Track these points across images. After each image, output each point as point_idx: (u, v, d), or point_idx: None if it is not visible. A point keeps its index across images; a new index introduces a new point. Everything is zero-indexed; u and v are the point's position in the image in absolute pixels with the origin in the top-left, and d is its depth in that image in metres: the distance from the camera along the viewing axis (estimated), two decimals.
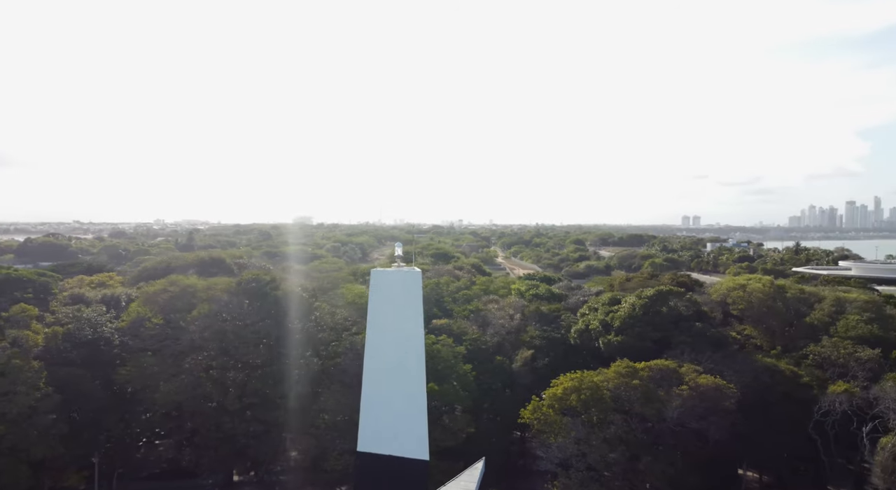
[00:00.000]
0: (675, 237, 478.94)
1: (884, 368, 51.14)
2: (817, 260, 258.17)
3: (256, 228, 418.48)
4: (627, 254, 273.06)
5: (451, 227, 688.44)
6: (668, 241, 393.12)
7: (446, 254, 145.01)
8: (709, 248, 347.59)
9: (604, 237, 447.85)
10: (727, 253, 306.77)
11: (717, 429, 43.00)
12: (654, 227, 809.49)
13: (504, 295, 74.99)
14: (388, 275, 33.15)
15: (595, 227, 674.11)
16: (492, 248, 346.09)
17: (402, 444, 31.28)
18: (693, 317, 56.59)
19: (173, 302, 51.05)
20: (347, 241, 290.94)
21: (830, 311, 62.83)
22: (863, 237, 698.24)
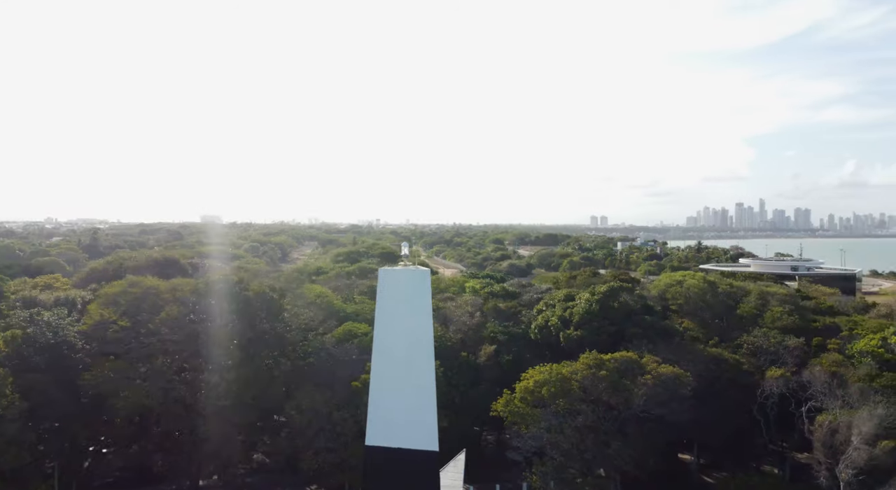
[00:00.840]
0: (586, 236, 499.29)
1: (808, 355, 57.04)
2: (717, 258, 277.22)
3: (163, 228, 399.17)
4: (546, 253, 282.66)
5: (369, 226, 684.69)
6: (581, 241, 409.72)
7: (393, 253, 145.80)
8: (619, 247, 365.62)
9: (521, 236, 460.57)
10: (637, 251, 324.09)
11: (676, 414, 46.82)
12: (566, 227, 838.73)
13: (457, 293, 77.00)
14: (397, 273, 34.21)
15: (511, 227, 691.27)
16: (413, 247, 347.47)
17: (411, 437, 32.39)
18: (642, 310, 60.81)
19: (137, 304, 49.45)
20: (265, 240, 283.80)
21: (757, 304, 69.20)
22: (750, 236, 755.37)
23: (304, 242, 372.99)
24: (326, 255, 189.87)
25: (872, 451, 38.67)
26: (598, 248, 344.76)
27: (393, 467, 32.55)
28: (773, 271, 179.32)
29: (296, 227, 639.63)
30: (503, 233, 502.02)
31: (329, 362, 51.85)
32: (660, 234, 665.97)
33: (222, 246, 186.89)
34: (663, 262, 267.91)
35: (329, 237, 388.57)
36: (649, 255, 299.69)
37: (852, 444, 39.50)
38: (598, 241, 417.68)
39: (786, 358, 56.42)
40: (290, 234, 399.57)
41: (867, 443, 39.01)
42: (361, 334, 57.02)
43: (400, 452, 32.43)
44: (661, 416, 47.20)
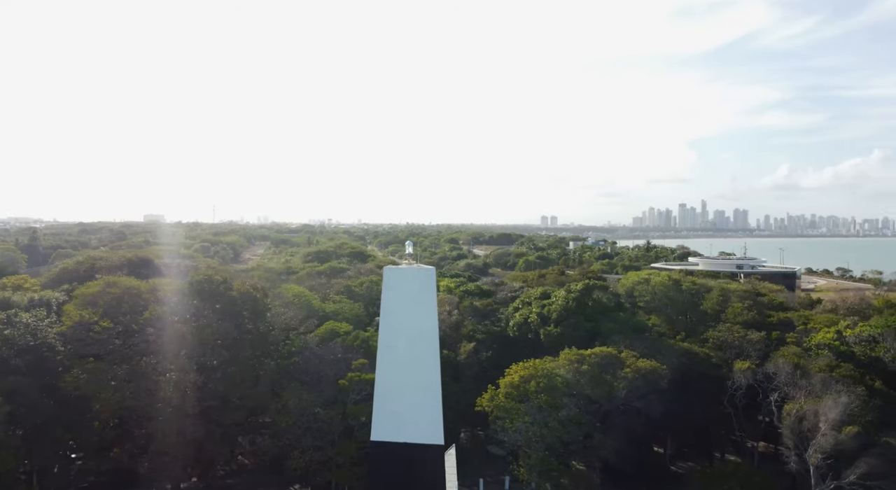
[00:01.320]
0: (538, 236, 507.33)
1: (769, 348, 60.33)
2: (665, 257, 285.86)
3: (105, 227, 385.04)
4: (502, 252, 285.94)
5: (321, 226, 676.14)
6: (533, 240, 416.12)
7: (362, 253, 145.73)
8: (571, 246, 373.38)
9: (475, 236, 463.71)
10: (589, 251, 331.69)
11: (655, 406, 49.01)
12: (517, 227, 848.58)
13: None
14: (403, 272, 34.86)
15: (464, 227, 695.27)
16: (368, 247, 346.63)
17: (417, 431, 33.06)
18: (615, 307, 63.07)
19: (118, 304, 48.41)
20: (216, 240, 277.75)
21: (719, 300, 72.59)
22: (692, 235, 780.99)
23: (255, 242, 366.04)
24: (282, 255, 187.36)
25: (839, 437, 41.49)
26: (552, 247, 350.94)
27: (399, 462, 33.16)
28: (720, 269, 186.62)
29: (245, 226, 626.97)
30: (457, 232, 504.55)
31: (314, 361, 51.96)
32: (608, 234, 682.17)
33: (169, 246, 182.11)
34: (614, 261, 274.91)
35: (281, 237, 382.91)
36: (601, 255, 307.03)
37: (820, 431, 42.25)
38: (551, 240, 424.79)
39: (749, 351, 59.50)
40: (240, 233, 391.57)
41: (834, 428, 41.83)
42: (344, 333, 57.35)
43: (406, 447, 33.06)
44: (640, 409, 49.36)
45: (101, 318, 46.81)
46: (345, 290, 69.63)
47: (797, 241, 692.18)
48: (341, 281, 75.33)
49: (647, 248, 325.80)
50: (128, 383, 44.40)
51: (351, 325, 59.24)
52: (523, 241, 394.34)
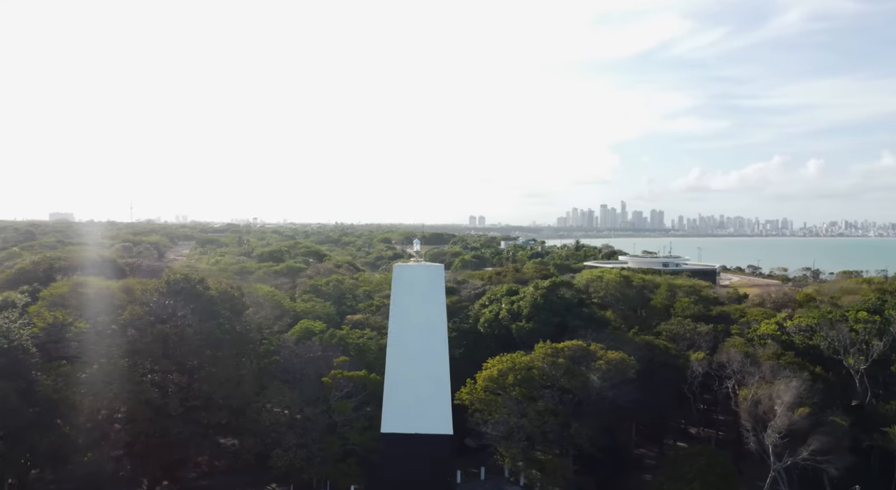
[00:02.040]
0: (469, 236, 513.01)
1: (718, 339, 65.11)
2: (594, 256, 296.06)
3: (10, 226, 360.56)
4: (437, 252, 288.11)
5: (247, 225, 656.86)
6: (465, 240, 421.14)
7: (318, 252, 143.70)
8: (503, 246, 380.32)
9: (407, 236, 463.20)
10: (521, 250, 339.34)
11: (624, 395, 52.14)
12: (447, 226, 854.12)
13: (385, 288, 78.80)
14: (412, 269, 36.17)
15: (393, 227, 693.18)
16: None
17: (427, 422, 34.39)
18: (578, 303, 66.20)
19: (92, 305, 46.85)
20: (137, 239, 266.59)
21: (667, 295, 77.34)
22: (613, 235, 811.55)
23: (178, 242, 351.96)
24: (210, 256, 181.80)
25: (792, 418, 45.80)
26: (485, 247, 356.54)
27: (409, 452, 34.47)
28: (648, 267, 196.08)
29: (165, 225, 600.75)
30: (389, 232, 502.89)
31: (294, 360, 52.07)
32: (534, 234, 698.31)
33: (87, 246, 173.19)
34: (546, 259, 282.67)
35: (206, 237, 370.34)
36: (532, 254, 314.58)
37: (776, 413, 46.46)
38: (482, 240, 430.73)
39: (700, 343, 64.05)
40: (161, 232, 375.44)
41: (788, 410, 46.12)
42: (319, 332, 57.59)
43: (416, 438, 34.45)
44: (611, 398, 52.37)
45: (74, 319, 45.18)
46: (312, 290, 69.51)
47: (708, 240, 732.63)
48: (307, 280, 75.02)
49: (576, 248, 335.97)
50: (108, 385, 43.20)
51: (325, 323, 59.47)
52: (456, 241, 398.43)
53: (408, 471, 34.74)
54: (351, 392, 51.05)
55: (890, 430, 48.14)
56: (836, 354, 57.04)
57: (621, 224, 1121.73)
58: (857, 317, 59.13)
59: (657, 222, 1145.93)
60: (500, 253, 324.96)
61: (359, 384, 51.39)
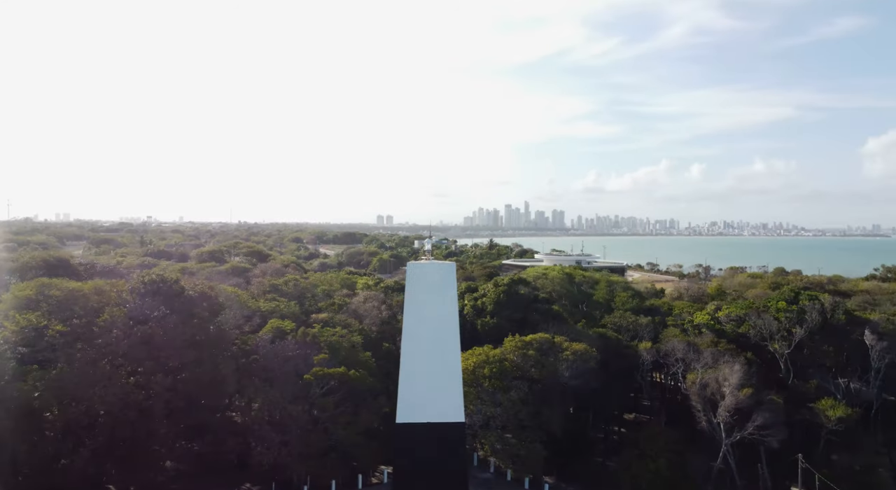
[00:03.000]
0: (381, 235, 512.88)
1: (658, 329, 71.00)
2: (506, 254, 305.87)
3: None
4: (354, 251, 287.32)
5: (143, 224, 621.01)
6: (378, 239, 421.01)
7: (260, 252, 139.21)
8: (417, 245, 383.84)
9: (318, 235, 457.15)
10: (436, 249, 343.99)
11: (588, 384, 56.26)
12: (354, 225, 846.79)
13: (338, 288, 79.43)
14: (425, 267, 37.90)
15: (300, 226, 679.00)
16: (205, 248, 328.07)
17: (440, 411, 36.19)
18: (534, 299, 69.99)
19: (66, 306, 44.86)
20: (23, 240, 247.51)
21: (607, 291, 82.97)
22: (518, 234, 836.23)
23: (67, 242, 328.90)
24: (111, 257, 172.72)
25: (739, 397, 51.46)
26: (400, 246, 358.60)
27: (424, 441, 36.20)
28: (563, 264, 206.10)
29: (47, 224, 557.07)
30: (298, 231, 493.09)
31: (273, 359, 52.15)
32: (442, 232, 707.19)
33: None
34: (462, 258, 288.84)
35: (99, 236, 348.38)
36: (448, 253, 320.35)
37: (725, 394, 51.99)
38: (396, 239, 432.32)
39: (643, 334, 69.60)
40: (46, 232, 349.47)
41: (735, 391, 51.75)
42: (291, 331, 57.69)
43: (430, 427, 36.28)
44: (575, 386, 56.34)
45: (48, 321, 43.24)
46: (272, 289, 68.91)
47: (605, 238, 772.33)
48: (263, 280, 74.05)
49: (489, 247, 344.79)
50: (90, 388, 41.76)
51: (293, 322, 59.59)
52: (369, 240, 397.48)
53: (423, 459, 36.47)
54: (332, 389, 51.90)
55: (815, 406, 55.11)
56: (763, 341, 64.06)
57: (525, 223, 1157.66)
58: (777, 307, 66.70)
59: (558, 222, 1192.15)
60: (417, 252, 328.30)
61: (339, 381, 52.35)
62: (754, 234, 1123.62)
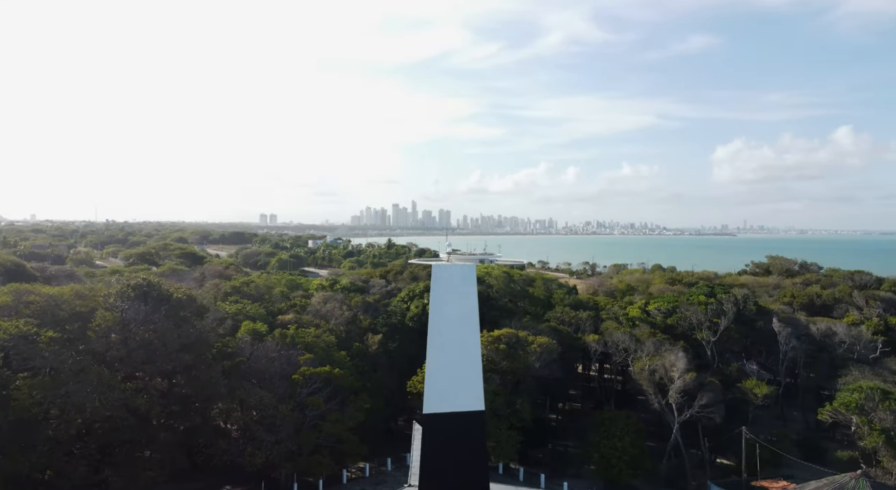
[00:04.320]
0: (270, 234, 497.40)
1: (596, 323, 77.42)
2: (404, 253, 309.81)
3: None
4: (251, 252, 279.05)
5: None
6: (269, 238, 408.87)
7: (194, 254, 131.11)
8: (311, 245, 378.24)
9: (203, 235, 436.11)
10: (333, 248, 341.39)
11: (553, 373, 61.00)
12: (235, 225, 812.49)
13: (287, 290, 79.23)
14: (449, 268, 40.32)
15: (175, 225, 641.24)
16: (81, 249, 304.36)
17: (463, 401, 38.65)
18: (486, 297, 73.89)
19: (50, 312, 42.56)
20: None
21: (544, 288, 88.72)
22: (405, 233, 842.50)
23: None
24: None
25: (686, 380, 58.30)
26: (296, 246, 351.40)
27: (449, 429, 38.61)
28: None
29: None
30: (178, 231, 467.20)
31: (262, 360, 52.24)
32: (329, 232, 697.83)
33: None
34: (361, 258, 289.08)
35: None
36: (346, 253, 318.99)
37: (674, 378, 58.64)
38: (289, 239, 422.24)
39: (584, 327, 75.73)
40: None
41: (683, 374, 58.56)
42: (266, 333, 57.66)
43: (454, 416, 38.74)
44: (542, 377, 60.90)
45: (38, 327, 41.02)
46: (233, 291, 67.51)
47: (490, 237, 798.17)
48: (220, 282, 72.03)
49: (388, 246, 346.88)
50: (89, 394, 40.30)
51: (265, 323, 59.48)
52: (260, 241, 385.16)
53: (448, 445, 38.83)
54: (318, 387, 52.84)
55: (742, 385, 63.40)
56: (690, 330, 72.25)
57: (412, 223, 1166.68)
58: (699, 300, 75.37)
59: (445, 221, 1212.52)
60: (315, 252, 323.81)
61: (324, 380, 53.38)
62: (623, 232, 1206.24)
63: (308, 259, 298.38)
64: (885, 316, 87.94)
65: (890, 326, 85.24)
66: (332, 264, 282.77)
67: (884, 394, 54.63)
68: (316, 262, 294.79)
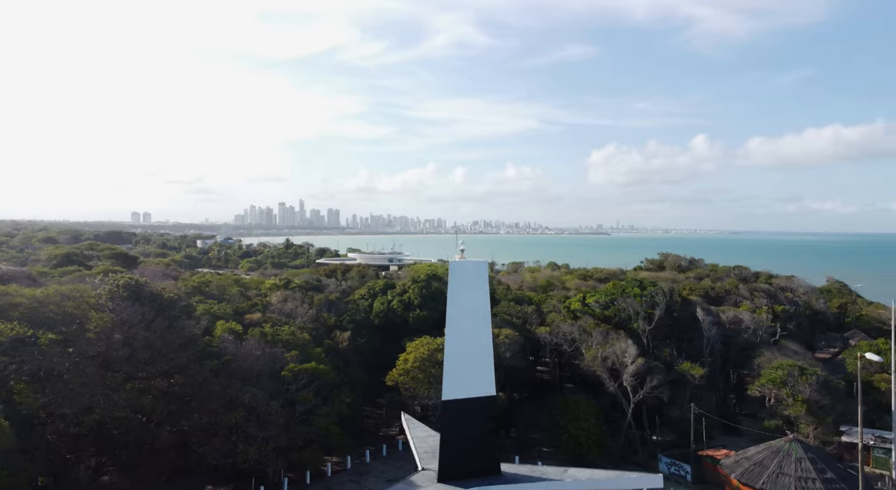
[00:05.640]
0: (156, 235, 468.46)
1: (542, 316, 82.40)
2: (303, 254, 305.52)
3: None
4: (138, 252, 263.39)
5: None
6: (149, 238, 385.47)
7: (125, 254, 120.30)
8: (200, 245, 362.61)
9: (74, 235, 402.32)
10: (228, 249, 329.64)
11: (519, 363, 64.95)
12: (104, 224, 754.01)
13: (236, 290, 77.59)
14: (464, 264, 42.71)
15: (35, 224, 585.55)
16: None
17: (477, 387, 41.26)
18: (442, 294, 76.52)
19: (39, 314, 40.18)
20: None
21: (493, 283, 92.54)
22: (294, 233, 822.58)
23: None
24: None
25: (638, 365, 64.29)
26: (187, 246, 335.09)
27: (465, 412, 41.38)
28: (376, 263, 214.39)
29: None
30: (42, 231, 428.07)
31: (250, 359, 51.92)
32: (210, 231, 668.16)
33: None
34: (260, 258, 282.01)
35: None
36: (243, 253, 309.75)
37: (626, 363, 64.44)
38: (174, 239, 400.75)
39: (531, 320, 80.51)
40: None
41: (635, 360, 64.50)
42: (239, 332, 56.98)
43: (469, 401, 41.45)
44: (511, 366, 64.65)
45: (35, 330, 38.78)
46: (193, 291, 65.18)
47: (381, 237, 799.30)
48: (177, 282, 68.96)
49: (286, 246, 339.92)
50: (93, 397, 38.82)
51: (238, 323, 58.67)
52: (140, 241, 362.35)
53: (465, 426, 41.59)
54: (306, 383, 53.33)
55: (679, 368, 70.61)
56: (626, 321, 79.02)
57: (300, 222, 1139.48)
58: (634, 292, 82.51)
59: (334, 221, 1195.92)
60: (208, 252, 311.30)
61: (310, 376, 53.94)
62: (509, 232, 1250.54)
63: (202, 260, 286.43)
64: (771, 305, 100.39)
65: (777, 314, 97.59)
66: (228, 265, 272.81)
67: (801, 370, 63.51)
68: (210, 262, 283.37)
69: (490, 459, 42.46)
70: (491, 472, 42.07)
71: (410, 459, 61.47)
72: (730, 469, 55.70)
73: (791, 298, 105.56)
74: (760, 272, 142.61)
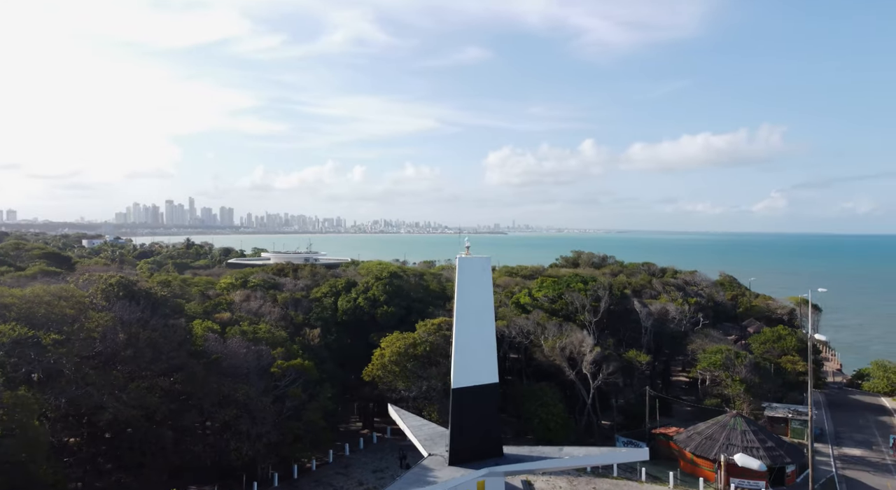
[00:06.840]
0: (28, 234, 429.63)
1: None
2: (204, 254, 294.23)
3: None
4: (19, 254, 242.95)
5: None
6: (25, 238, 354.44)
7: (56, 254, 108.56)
8: (87, 245, 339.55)
9: None
10: (121, 249, 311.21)
11: None
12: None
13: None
14: (471, 260, 44.58)
15: None
16: None
17: (482, 376, 43.30)
18: (408, 289, 77.84)
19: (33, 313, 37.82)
20: None
21: (436, 282, 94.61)
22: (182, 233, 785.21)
23: None
24: None
25: (596, 353, 68.93)
26: (69, 247, 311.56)
27: (472, 399, 43.49)
28: (293, 261, 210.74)
29: None
30: None
31: (239, 356, 51.16)
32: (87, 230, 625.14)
33: None
34: (159, 259, 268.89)
35: None
36: (140, 254, 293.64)
37: (585, 353, 68.90)
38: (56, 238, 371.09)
39: None
40: None
41: (593, 349, 69.09)
42: (218, 331, 55.79)
43: (475, 388, 43.64)
44: None
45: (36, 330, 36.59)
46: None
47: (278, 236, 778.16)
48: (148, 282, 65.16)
49: (187, 246, 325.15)
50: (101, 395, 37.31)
51: (215, 323, 57.28)
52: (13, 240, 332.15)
53: (473, 412, 43.65)
54: (292, 379, 53.20)
55: (626, 356, 76.20)
56: (574, 313, 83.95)
57: (191, 221, 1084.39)
58: (579, 287, 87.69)
59: (227, 220, 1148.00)
60: (99, 253, 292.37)
61: (296, 372, 53.87)
62: (410, 231, 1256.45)
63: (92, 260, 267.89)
64: (685, 298, 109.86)
65: (690, 305, 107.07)
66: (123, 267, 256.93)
67: (736, 354, 70.78)
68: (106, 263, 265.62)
69: (494, 442, 44.79)
70: (495, 453, 44.51)
71: (388, 451, 62.73)
72: (684, 443, 61.46)
73: (696, 291, 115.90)
74: (666, 268, 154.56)
